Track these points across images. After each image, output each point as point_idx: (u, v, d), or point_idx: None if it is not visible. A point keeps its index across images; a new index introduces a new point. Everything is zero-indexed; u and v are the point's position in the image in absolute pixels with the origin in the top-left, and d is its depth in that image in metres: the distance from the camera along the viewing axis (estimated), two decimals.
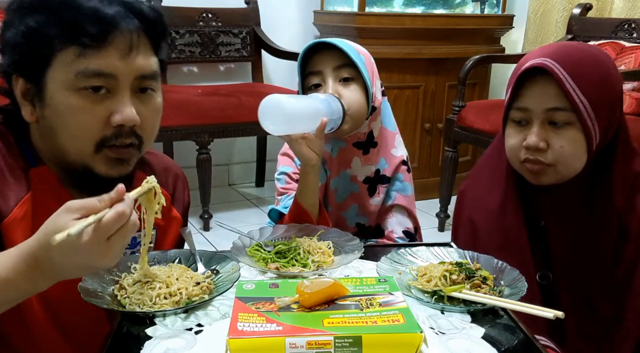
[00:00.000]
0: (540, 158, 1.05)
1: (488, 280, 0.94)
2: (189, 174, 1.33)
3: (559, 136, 1.04)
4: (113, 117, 0.89)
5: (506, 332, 0.83)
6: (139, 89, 0.93)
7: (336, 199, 1.34)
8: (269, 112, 1.07)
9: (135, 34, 0.89)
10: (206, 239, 2.60)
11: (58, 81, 0.88)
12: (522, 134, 1.08)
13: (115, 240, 0.73)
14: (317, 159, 1.16)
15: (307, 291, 0.75)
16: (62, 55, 0.87)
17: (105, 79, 0.88)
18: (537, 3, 3.19)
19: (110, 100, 0.89)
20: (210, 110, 2.61)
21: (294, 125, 1.09)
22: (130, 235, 0.75)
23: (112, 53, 0.87)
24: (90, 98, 0.88)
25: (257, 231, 1.14)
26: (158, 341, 0.77)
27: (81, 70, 0.86)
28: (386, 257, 1.02)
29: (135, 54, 0.89)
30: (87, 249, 0.71)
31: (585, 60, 1.04)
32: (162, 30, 0.96)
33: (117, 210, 0.72)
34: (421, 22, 2.96)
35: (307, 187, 1.20)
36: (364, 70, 1.22)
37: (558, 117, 1.04)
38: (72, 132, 0.90)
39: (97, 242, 0.71)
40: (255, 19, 3.12)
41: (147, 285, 0.86)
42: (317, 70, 1.25)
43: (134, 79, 0.91)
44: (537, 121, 1.05)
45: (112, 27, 0.86)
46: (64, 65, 0.87)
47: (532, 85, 1.05)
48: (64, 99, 0.88)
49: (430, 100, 3.09)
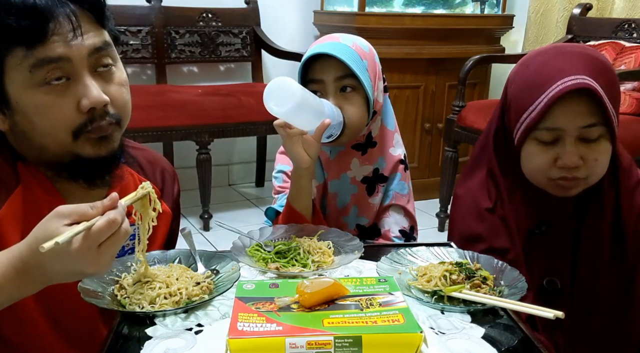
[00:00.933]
0: (577, 175, 1.03)
1: (488, 280, 0.94)
2: (189, 174, 1.33)
3: (592, 150, 1.02)
4: (82, 103, 0.88)
5: (506, 332, 0.83)
6: (98, 68, 0.91)
7: (337, 205, 1.33)
8: (276, 92, 1.05)
9: (73, 17, 0.86)
10: (206, 239, 2.60)
11: (17, 83, 0.87)
12: (551, 153, 1.03)
13: (106, 248, 0.73)
14: (310, 162, 1.14)
15: (307, 291, 0.75)
16: (10, 58, 0.85)
17: (59, 64, 0.86)
18: (538, 3, 3.19)
19: (74, 87, 0.88)
20: (210, 110, 2.61)
21: (297, 114, 1.07)
22: (122, 243, 0.75)
23: (57, 40, 0.85)
24: (54, 91, 0.87)
25: (257, 231, 1.13)
26: (158, 341, 0.77)
27: (33, 63, 0.85)
28: (386, 257, 1.02)
29: (80, 34, 0.87)
30: (77, 257, 0.71)
31: (607, 70, 1.02)
32: (99, 4, 0.92)
33: (109, 218, 0.72)
34: (421, 22, 2.97)
35: (299, 190, 1.19)
36: (365, 81, 1.20)
37: (593, 134, 1.01)
38: (46, 129, 0.89)
39: (88, 249, 0.71)
40: (255, 19, 3.12)
41: (147, 285, 0.86)
42: (318, 79, 1.23)
43: (88, 56, 0.89)
44: (570, 139, 1.01)
45: (48, 18, 0.84)
46: (15, 67, 0.86)
47: (563, 104, 0.99)
48: (29, 100, 0.87)
49: (430, 100, 3.09)
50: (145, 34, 2.89)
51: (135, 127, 2.39)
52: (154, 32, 2.90)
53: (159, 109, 2.52)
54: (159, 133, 2.52)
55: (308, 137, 1.12)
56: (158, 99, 2.60)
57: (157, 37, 2.91)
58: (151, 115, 2.46)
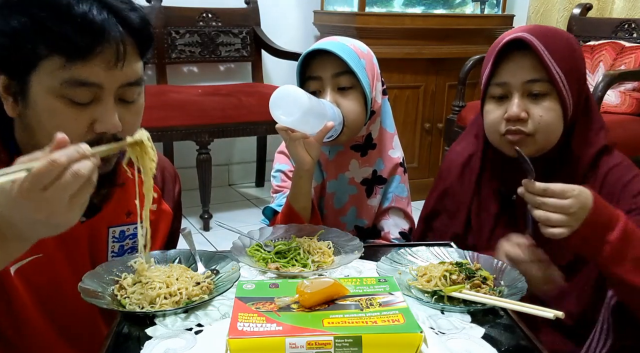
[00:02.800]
0: (522, 128, 1.09)
1: (488, 280, 0.94)
2: (189, 174, 1.33)
3: (538, 106, 1.09)
4: (96, 125, 0.88)
5: (506, 332, 0.83)
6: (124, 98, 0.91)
7: (335, 205, 1.34)
8: (283, 102, 1.05)
9: (121, 44, 0.86)
10: (206, 239, 2.60)
11: (43, 86, 0.86)
12: (502, 108, 1.12)
13: (53, 192, 0.66)
14: (312, 164, 1.15)
15: (307, 291, 0.75)
16: (47, 62, 0.84)
17: (90, 88, 0.86)
18: (538, 3, 3.19)
19: (94, 107, 0.87)
20: (210, 110, 2.61)
21: (303, 121, 1.08)
22: (75, 187, 0.67)
23: (99, 64, 0.84)
24: (75, 106, 0.86)
25: (257, 231, 1.13)
26: (158, 341, 0.77)
27: (67, 79, 0.84)
28: (386, 257, 1.02)
29: (121, 64, 0.87)
30: (22, 201, 0.66)
31: (556, 34, 1.11)
32: (148, 36, 0.93)
33: (50, 158, 0.66)
34: (421, 22, 2.97)
35: (299, 190, 1.19)
36: (363, 79, 1.21)
37: (536, 88, 1.09)
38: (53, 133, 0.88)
39: (29, 192, 0.65)
40: (255, 19, 3.12)
41: (147, 285, 0.86)
42: (316, 76, 1.24)
43: (119, 87, 0.89)
44: (516, 94, 1.10)
45: (99, 39, 0.84)
46: (49, 72, 0.85)
47: (509, 60, 1.11)
48: (47, 104, 0.86)
49: (430, 100, 3.09)
50: None
51: None
52: (154, 32, 2.90)
53: (159, 109, 2.52)
54: (159, 133, 2.52)
55: (310, 139, 1.13)
56: (158, 99, 2.60)
57: (157, 37, 2.91)
58: (151, 115, 2.46)
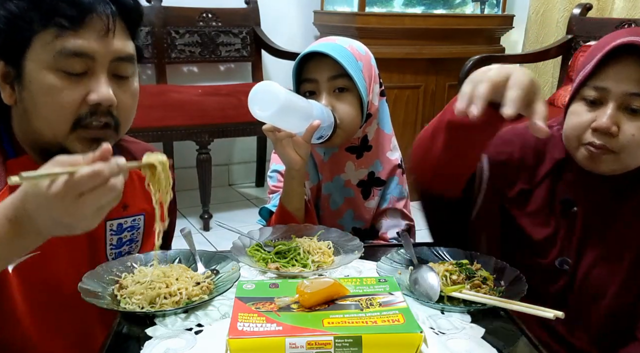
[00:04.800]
0: (607, 144, 0.97)
1: (488, 280, 0.94)
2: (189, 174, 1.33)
3: (633, 123, 0.96)
4: (89, 96, 0.90)
5: (506, 332, 0.83)
6: (116, 75, 0.94)
7: (331, 206, 1.33)
8: (259, 96, 1.05)
9: (111, 18, 0.91)
10: (206, 239, 2.60)
11: (37, 62, 0.89)
12: (592, 114, 0.99)
13: (87, 200, 0.69)
14: (302, 163, 1.14)
15: (307, 291, 0.75)
16: (41, 36, 0.89)
17: (83, 59, 0.89)
18: (538, 3, 3.19)
19: (87, 80, 0.91)
20: (210, 110, 2.61)
21: (283, 118, 1.07)
22: (107, 199, 0.71)
23: (90, 34, 0.89)
24: (68, 79, 0.90)
25: (257, 231, 1.13)
26: (158, 341, 0.77)
27: (59, 49, 0.88)
28: (386, 257, 1.02)
29: (112, 36, 0.91)
30: (55, 203, 0.69)
31: None
32: (137, 15, 0.98)
33: (94, 168, 0.68)
34: (421, 22, 2.97)
35: (291, 191, 1.19)
36: (359, 82, 1.20)
37: (636, 103, 0.96)
38: (48, 112, 0.91)
39: (64, 196, 0.68)
40: (255, 19, 3.12)
41: (147, 285, 0.86)
42: (312, 78, 1.23)
43: (110, 60, 0.92)
44: (612, 103, 0.97)
45: (88, 10, 0.89)
46: (42, 46, 0.89)
47: (616, 65, 0.97)
48: (41, 78, 0.89)
49: (430, 100, 3.09)
50: (146, 34, 2.89)
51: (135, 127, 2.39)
52: (154, 32, 2.90)
53: (159, 109, 2.52)
54: (159, 133, 2.52)
55: (298, 138, 1.12)
56: (158, 99, 2.60)
57: (157, 37, 2.91)
58: (151, 115, 2.46)
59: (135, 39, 0.98)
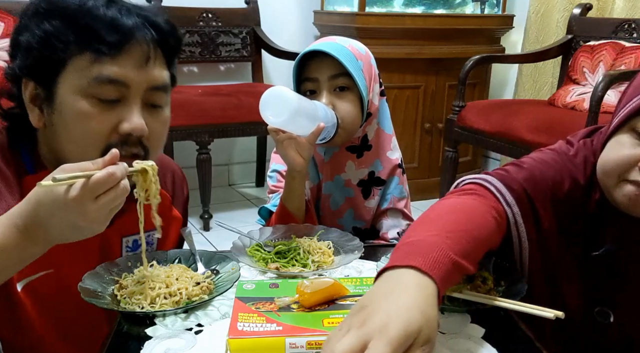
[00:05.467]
0: None
1: (488, 280, 0.94)
2: (189, 174, 1.33)
3: None
4: (121, 125, 0.89)
5: (506, 332, 0.83)
6: (149, 104, 0.93)
7: (331, 206, 1.33)
8: (272, 102, 1.06)
9: (150, 46, 0.89)
10: (206, 239, 2.60)
11: (70, 86, 0.87)
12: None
13: (102, 202, 0.72)
14: (303, 165, 1.15)
15: (307, 291, 0.75)
16: (77, 60, 0.87)
17: (117, 87, 0.87)
18: (538, 3, 3.19)
19: (120, 108, 0.89)
20: (210, 110, 2.61)
21: (293, 122, 1.08)
22: (119, 200, 0.75)
23: (127, 62, 0.87)
24: (100, 105, 0.88)
25: (257, 231, 1.13)
26: (158, 341, 0.77)
27: (95, 76, 0.86)
28: (386, 257, 1.02)
29: (149, 65, 0.89)
30: (73, 206, 0.71)
31: None
32: (176, 44, 0.96)
33: (108, 171, 0.71)
34: (421, 22, 2.97)
35: (292, 191, 1.19)
36: (359, 81, 1.20)
37: None
38: (78, 138, 0.89)
39: (83, 199, 0.70)
40: (255, 19, 3.12)
41: (147, 285, 0.86)
42: (312, 78, 1.23)
43: (145, 89, 0.91)
44: None
45: (129, 37, 0.87)
46: (77, 71, 0.87)
47: None
48: (73, 104, 0.87)
49: (430, 100, 3.09)
50: None
51: None
52: None
53: None
54: None
55: (302, 139, 1.12)
56: None
57: None
58: None
59: (171, 68, 0.96)
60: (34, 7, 0.90)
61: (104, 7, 0.87)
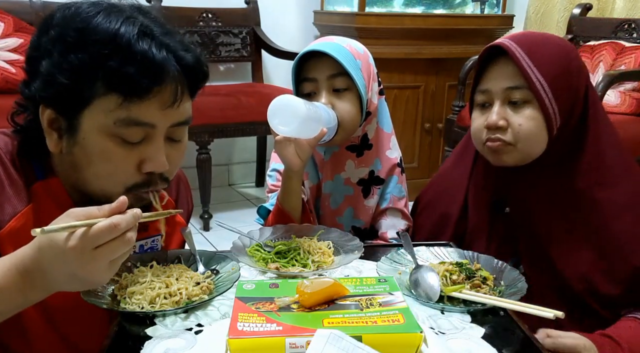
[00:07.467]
0: (501, 136, 1.08)
1: (488, 280, 0.94)
2: (189, 174, 1.33)
3: (518, 114, 1.07)
4: (144, 165, 0.87)
5: (506, 332, 0.83)
6: (171, 136, 0.91)
7: (331, 205, 1.33)
8: (280, 112, 1.06)
9: (179, 84, 0.86)
10: (206, 239, 2.60)
11: (95, 124, 0.84)
12: (485, 116, 1.11)
13: (102, 253, 0.70)
14: (301, 165, 1.15)
15: (307, 291, 0.75)
16: (103, 100, 0.83)
17: (144, 128, 0.85)
18: (538, 3, 3.19)
19: (144, 146, 0.87)
20: (210, 110, 2.61)
21: (301, 130, 1.08)
22: (122, 252, 0.72)
23: (156, 103, 0.84)
24: (124, 145, 0.86)
25: (257, 231, 1.13)
26: (158, 341, 0.77)
27: (122, 118, 0.83)
28: (386, 257, 1.02)
29: (177, 104, 0.87)
30: (71, 256, 0.68)
31: (542, 41, 1.08)
32: (203, 78, 0.94)
33: (111, 221, 0.69)
34: (421, 22, 2.97)
35: (289, 191, 1.19)
36: (358, 80, 1.20)
37: (516, 96, 1.07)
38: (102, 174, 0.87)
39: (82, 249, 0.68)
40: (255, 19, 3.12)
41: (147, 285, 0.86)
42: (311, 78, 1.23)
43: (169, 126, 0.89)
44: (497, 101, 1.09)
45: (159, 79, 0.83)
46: (104, 111, 0.83)
47: (492, 67, 1.10)
48: (98, 142, 0.85)
49: (430, 100, 3.09)
50: None
51: None
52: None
53: None
54: None
55: (302, 141, 1.12)
56: None
57: None
58: None
59: (194, 97, 0.94)
60: (58, 31, 0.83)
61: (136, 39, 0.81)
